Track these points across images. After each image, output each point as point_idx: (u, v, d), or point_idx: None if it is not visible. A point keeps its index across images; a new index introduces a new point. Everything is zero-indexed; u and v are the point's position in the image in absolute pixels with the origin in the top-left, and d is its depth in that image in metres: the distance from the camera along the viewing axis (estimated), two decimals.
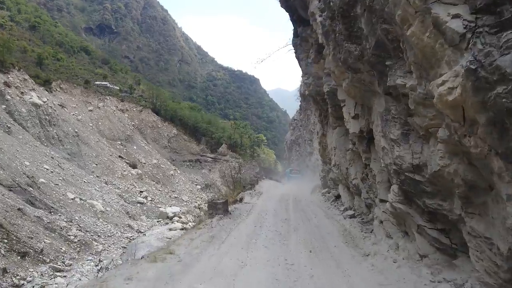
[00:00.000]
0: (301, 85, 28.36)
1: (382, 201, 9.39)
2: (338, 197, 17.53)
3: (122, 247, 25.16)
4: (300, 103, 46.47)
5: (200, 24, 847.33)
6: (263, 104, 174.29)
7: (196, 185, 53.86)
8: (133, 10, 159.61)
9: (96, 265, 20.67)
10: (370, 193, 11.37)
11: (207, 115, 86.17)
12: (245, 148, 76.52)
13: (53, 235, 21.65)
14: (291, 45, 19.41)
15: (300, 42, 17.09)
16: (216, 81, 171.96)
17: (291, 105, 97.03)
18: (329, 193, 20.17)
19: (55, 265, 18.94)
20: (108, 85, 67.18)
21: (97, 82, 65.08)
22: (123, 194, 36.47)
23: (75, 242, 22.34)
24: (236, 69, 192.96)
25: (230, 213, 15.05)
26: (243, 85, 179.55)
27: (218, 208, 14.88)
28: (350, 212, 13.81)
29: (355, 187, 13.07)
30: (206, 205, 15.44)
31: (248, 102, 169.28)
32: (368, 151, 10.53)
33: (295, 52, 18.72)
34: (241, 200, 20.27)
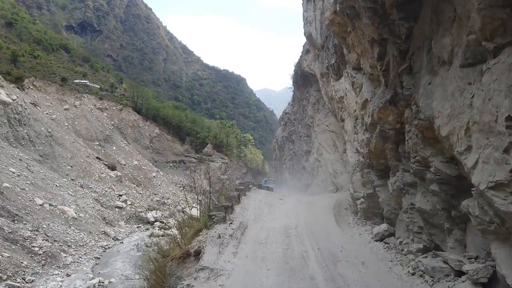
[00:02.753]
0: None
1: None
2: (492, 281, 6.63)
3: (95, 257, 22.97)
4: (293, 92, 42.84)
5: (185, 23, 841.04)
6: (250, 104, 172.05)
7: (179, 187, 51.57)
8: (116, 8, 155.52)
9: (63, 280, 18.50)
10: None
11: (191, 114, 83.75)
12: (231, 148, 74.48)
13: (13, 247, 19.34)
14: None
15: None
16: (202, 80, 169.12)
17: (278, 105, 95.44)
18: (393, 235, 11.34)
19: (13, 283, 16.70)
20: (88, 83, 64.47)
21: (76, 81, 62.29)
22: (100, 198, 34.11)
23: (40, 254, 20.06)
24: (222, 69, 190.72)
25: None
26: (230, 84, 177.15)
27: None
28: None
29: None
30: None
31: (235, 102, 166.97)
32: None
33: None
34: (196, 256, 9.66)
